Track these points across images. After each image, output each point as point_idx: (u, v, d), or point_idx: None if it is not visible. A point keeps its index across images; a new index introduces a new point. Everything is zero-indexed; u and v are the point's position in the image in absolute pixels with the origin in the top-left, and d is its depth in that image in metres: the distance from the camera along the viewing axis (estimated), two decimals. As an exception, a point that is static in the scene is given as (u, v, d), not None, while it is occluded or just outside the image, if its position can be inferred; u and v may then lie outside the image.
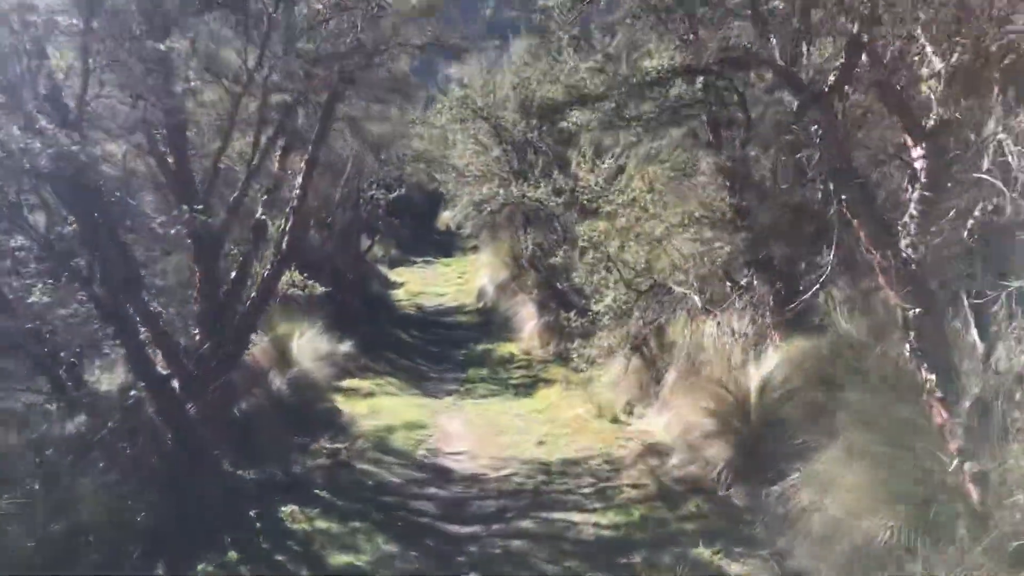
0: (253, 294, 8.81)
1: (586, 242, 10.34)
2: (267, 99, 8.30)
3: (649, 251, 9.80)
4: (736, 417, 7.75)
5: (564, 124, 10.78)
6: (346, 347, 14.15)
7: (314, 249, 15.64)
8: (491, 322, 18.37)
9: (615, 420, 10.10)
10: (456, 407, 11.94)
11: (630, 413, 10.36)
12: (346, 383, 13.21)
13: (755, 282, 8.45)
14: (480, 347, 16.56)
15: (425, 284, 24.05)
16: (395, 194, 18.07)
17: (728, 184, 8.29)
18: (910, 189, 5.04)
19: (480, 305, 20.25)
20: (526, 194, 14.11)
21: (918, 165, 5.06)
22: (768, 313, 8.34)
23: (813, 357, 7.35)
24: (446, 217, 38.49)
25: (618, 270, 9.89)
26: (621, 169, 14.34)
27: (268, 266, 8.99)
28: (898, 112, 5.25)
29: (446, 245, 32.43)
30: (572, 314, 11.36)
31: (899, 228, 4.80)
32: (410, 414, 11.29)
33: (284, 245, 9.02)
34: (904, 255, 4.64)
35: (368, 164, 16.69)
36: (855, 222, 4.90)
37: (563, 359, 14.33)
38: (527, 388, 12.92)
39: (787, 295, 8.16)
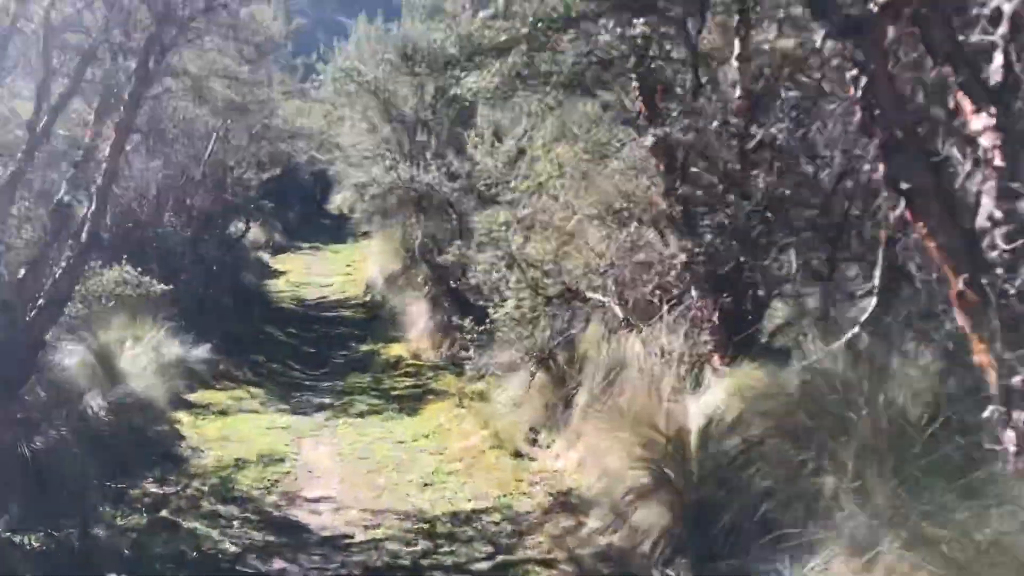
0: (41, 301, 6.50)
1: (484, 235, 8.31)
2: (51, 39, 6.01)
3: (558, 248, 7.85)
4: (671, 466, 5.85)
5: (457, 92, 8.80)
6: (201, 351, 11.79)
7: (167, 236, 13.20)
8: (378, 318, 16.18)
9: (517, 455, 8.12)
10: (327, 429, 9.76)
11: (534, 442, 8.41)
12: (196, 396, 10.89)
13: (693, 291, 6.55)
14: (364, 348, 14.38)
15: (309, 273, 21.63)
16: (268, 174, 15.65)
17: (665, 168, 6.36)
18: (978, 175, 3.19)
19: (367, 299, 18.03)
20: (415, 177, 12.00)
21: (987, 142, 3.20)
22: (709, 331, 6.46)
23: (774, 395, 5.51)
24: (338, 200, 36.05)
25: (521, 269, 7.91)
26: (523, 151, 12.39)
27: (62, 263, 6.66)
28: (947, 58, 3.39)
29: (337, 231, 29.81)
30: (468, 321, 9.30)
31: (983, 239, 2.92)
32: (268, 440, 9.08)
33: (85, 234, 6.71)
34: (1000, 284, 2.77)
35: (237, 139, 14.26)
36: (920, 226, 3.01)
37: (456, 365, 12.32)
38: (413, 402, 10.83)
39: (736, 308, 6.31)
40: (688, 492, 5.58)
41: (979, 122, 3.27)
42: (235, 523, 6.82)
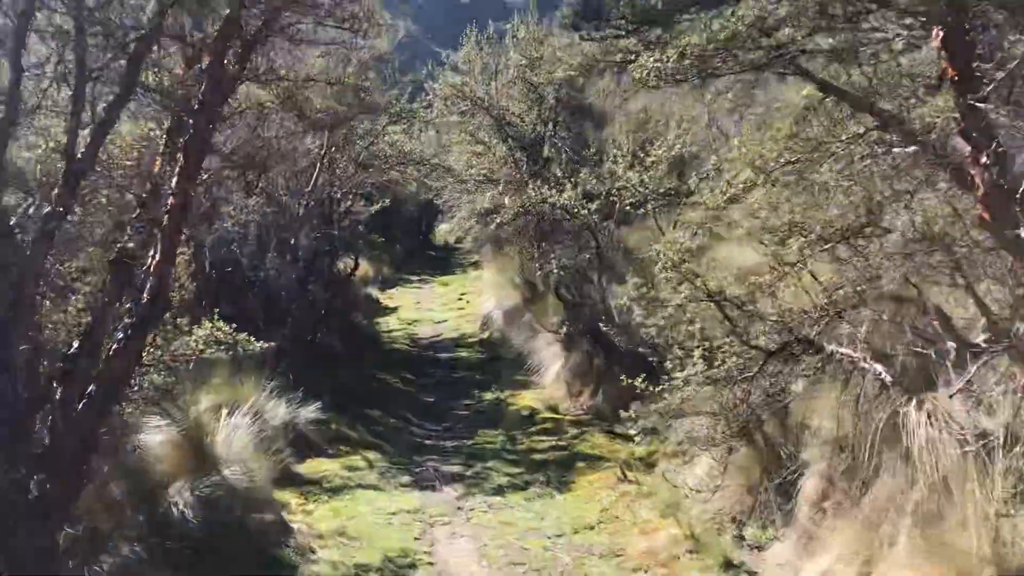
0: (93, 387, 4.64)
1: (668, 265, 6.11)
2: (85, 26, 4.17)
3: (771, 283, 5.62)
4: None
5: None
6: (311, 411, 9.97)
7: (271, 279, 11.47)
8: (500, 359, 14.14)
9: (727, 564, 5.88)
10: (461, 513, 7.69)
11: (740, 538, 6.18)
12: (307, 468, 9.02)
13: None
14: (489, 396, 12.33)
15: (420, 308, 19.79)
16: (378, 206, 13.83)
17: (974, 162, 4.10)
18: None
19: (485, 335, 16.02)
20: (547, 199, 9.91)
21: None
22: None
23: None
24: (443, 230, 34.44)
25: (725, 313, 5.69)
26: (682, 160, 10.22)
27: (119, 335, 4.79)
28: None
29: (444, 261, 28.28)
30: (641, 380, 7.09)
31: None
32: (394, 534, 7.09)
33: (148, 292, 4.82)
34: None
35: (343, 168, 12.49)
36: None
37: (602, 420, 10.17)
38: (562, 472, 8.67)
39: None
40: None
41: None
42: None
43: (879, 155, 5.39)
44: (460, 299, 20.45)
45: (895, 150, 5.24)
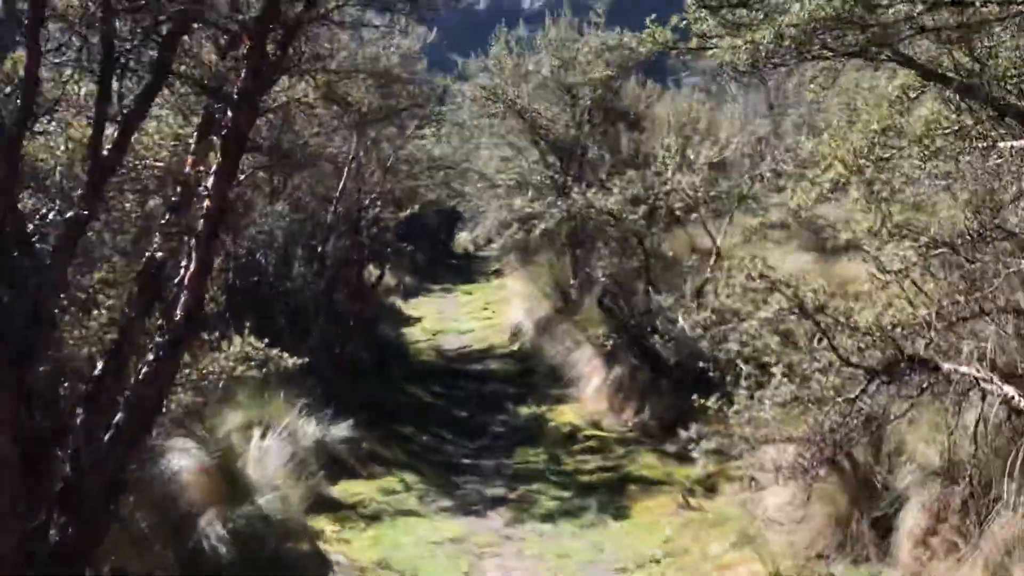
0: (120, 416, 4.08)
1: (755, 275, 5.47)
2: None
3: (874, 294, 5.01)
4: None
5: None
6: (342, 429, 9.42)
7: (298, 290, 10.92)
8: (534, 372, 13.53)
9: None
10: (510, 542, 7.09)
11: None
12: (340, 490, 8.44)
13: None
14: (525, 411, 11.71)
15: (444, 318, 19.19)
16: (407, 212, 13.27)
17: None
18: None
19: (516, 347, 15.40)
20: (593, 204, 9.31)
21: None
22: None
23: None
24: (463, 239, 33.94)
25: (822, 328, 5.06)
26: (723, 164, 9.63)
27: (149, 356, 4.22)
28: None
29: (465, 270, 27.68)
30: (713, 400, 6.45)
31: None
32: (440, 570, 6.50)
33: (181, 307, 4.25)
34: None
35: (371, 173, 11.95)
36: None
37: (650, 437, 9.57)
38: (614, 496, 8.06)
39: None
40: None
41: None
42: None
43: (992, 149, 4.81)
44: (485, 309, 19.85)
45: (1014, 144, 4.65)
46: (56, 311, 4.13)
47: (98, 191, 3.94)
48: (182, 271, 4.38)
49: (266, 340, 9.72)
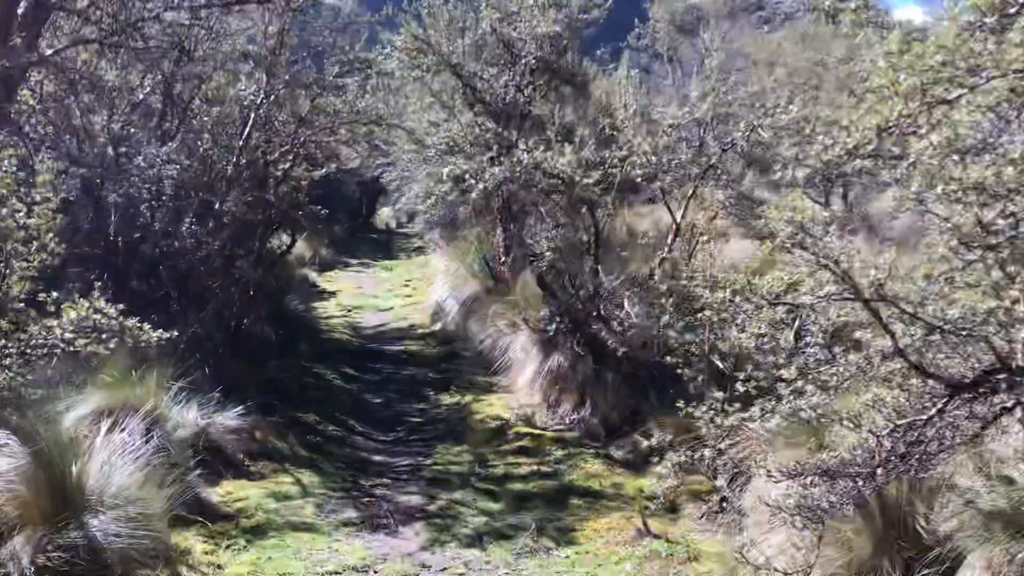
0: None
1: (795, 243, 3.96)
2: None
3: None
4: None
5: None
6: (232, 416, 7.76)
7: (187, 253, 9.09)
8: (458, 356, 11.99)
9: None
10: None
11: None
12: (221, 493, 6.78)
13: None
14: (447, 400, 10.17)
15: (363, 294, 17.48)
16: (323, 171, 11.50)
17: None
18: None
19: (438, 328, 13.83)
20: (541, 164, 7.76)
21: None
22: None
23: None
24: (386, 214, 32.12)
25: (883, 323, 3.63)
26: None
27: None
28: None
29: (386, 246, 25.93)
30: (722, 401, 4.95)
31: None
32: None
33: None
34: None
35: (281, 122, 10.17)
36: None
37: (592, 437, 8.15)
38: (555, 512, 6.57)
39: None
40: None
41: None
42: None
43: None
44: (406, 286, 18.21)
45: None
46: None
47: None
48: None
49: (150, 308, 8.08)
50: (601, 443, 7.94)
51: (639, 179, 7.93)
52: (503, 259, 12.58)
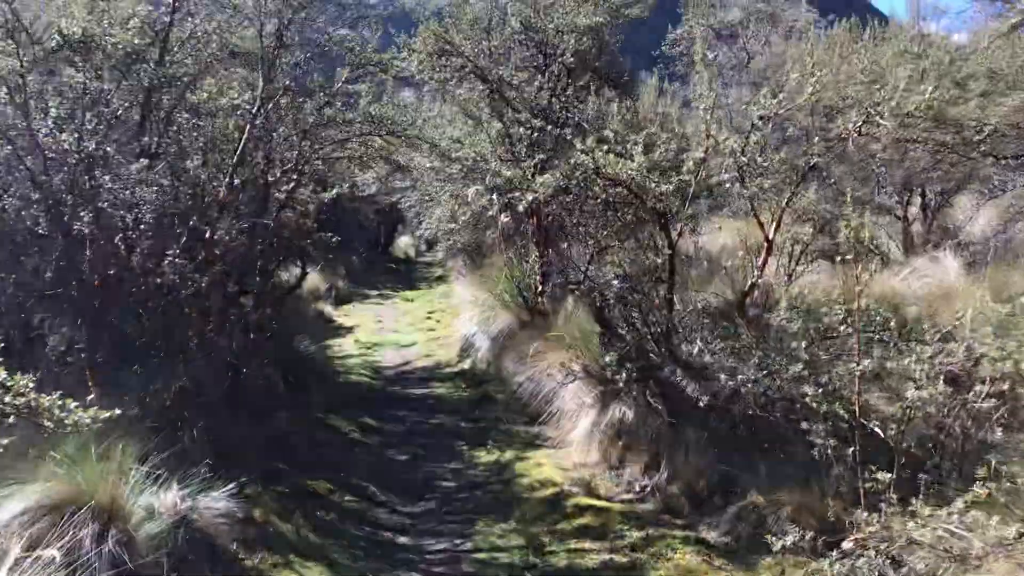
0: None
1: None
2: None
3: None
4: None
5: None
6: (221, 497, 6.05)
7: (173, 291, 7.42)
8: (492, 400, 10.26)
9: None
10: None
11: None
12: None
13: None
14: (485, 458, 8.41)
15: (383, 329, 15.80)
16: (335, 191, 9.83)
17: None
18: None
19: (467, 365, 12.11)
20: (602, 169, 6.02)
21: None
22: None
23: None
24: (404, 243, 30.58)
25: None
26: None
27: None
28: None
29: (406, 276, 24.29)
30: (887, 484, 3.20)
31: None
32: None
33: None
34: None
35: (282, 134, 8.52)
36: None
37: (674, 512, 6.36)
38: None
39: None
40: None
41: None
42: None
43: None
44: (429, 318, 16.52)
45: None
46: None
47: None
48: None
49: (138, 360, 6.57)
50: (687, 519, 6.15)
51: (725, 185, 6.19)
52: (539, 288, 10.89)
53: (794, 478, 5.37)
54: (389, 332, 15.44)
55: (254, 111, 7.94)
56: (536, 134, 8.39)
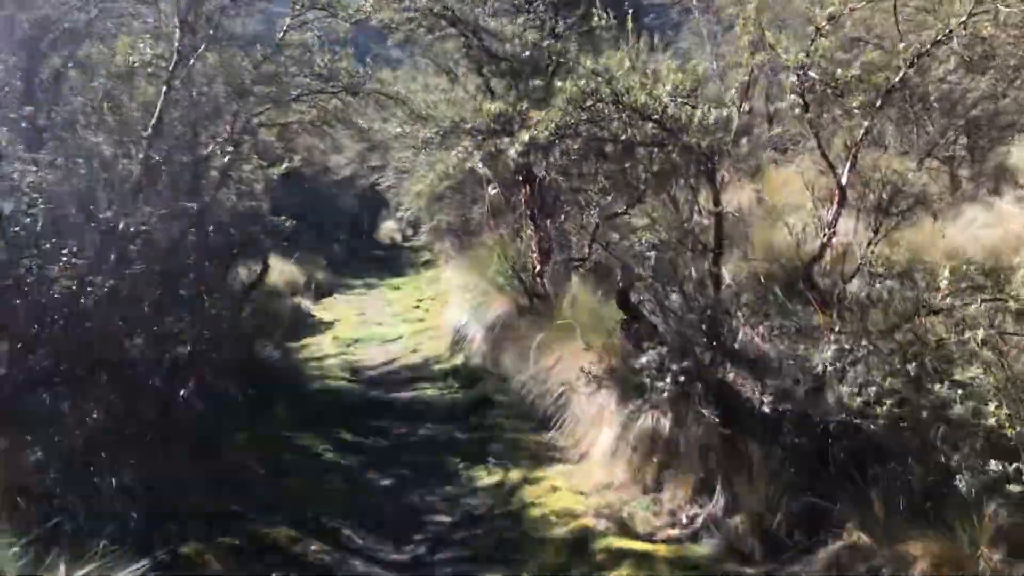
0: None
1: None
2: None
3: None
4: None
5: None
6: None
7: (66, 300, 5.66)
8: (490, 403, 8.56)
9: None
10: None
11: None
12: None
13: None
14: (485, 479, 6.71)
15: (366, 322, 14.07)
16: (284, 167, 8.02)
17: None
18: None
19: (459, 361, 10.42)
20: (622, 97, 4.27)
21: None
22: None
23: None
24: (389, 227, 28.81)
25: None
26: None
27: None
28: None
29: (392, 262, 22.58)
30: None
31: None
32: None
33: None
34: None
35: (211, 94, 6.73)
36: None
37: (740, 553, 4.65)
38: None
39: None
40: None
41: None
42: None
43: None
44: (417, 307, 14.82)
45: None
46: None
47: None
48: None
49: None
50: (761, 567, 4.48)
51: (786, 111, 4.46)
52: (538, 268, 9.19)
53: (924, 516, 3.70)
54: (372, 325, 13.72)
55: (171, 68, 6.17)
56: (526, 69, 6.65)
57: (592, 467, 6.20)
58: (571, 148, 4.64)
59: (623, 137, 4.35)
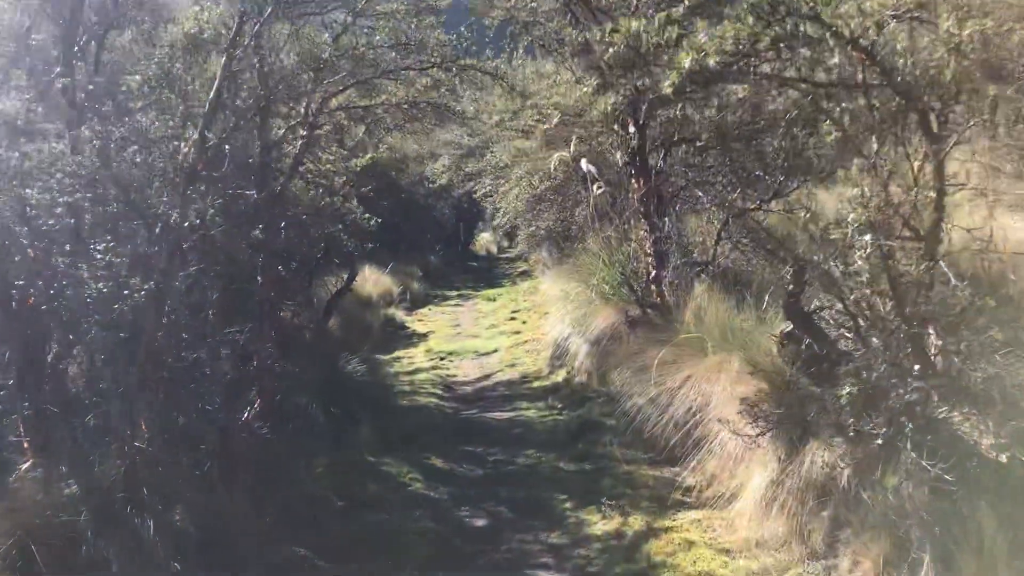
0: None
1: None
2: None
3: None
4: None
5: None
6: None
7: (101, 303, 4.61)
8: (599, 427, 7.19)
9: None
10: None
11: None
12: None
13: None
14: (601, 526, 5.34)
15: (460, 335, 12.92)
16: (367, 158, 6.86)
17: None
18: None
19: (561, 378, 9.07)
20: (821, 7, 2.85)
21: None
22: None
23: None
24: (485, 239, 27.87)
25: None
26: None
27: None
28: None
29: (487, 273, 21.53)
30: None
31: None
32: None
33: None
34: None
35: (278, 64, 5.63)
36: None
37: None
38: None
39: None
40: None
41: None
42: None
43: None
44: (513, 319, 13.55)
45: None
46: None
47: None
48: None
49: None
50: None
51: None
52: (652, 273, 7.76)
53: None
54: (467, 338, 12.55)
55: (232, 34, 5.08)
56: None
57: (737, 517, 4.75)
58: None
59: (815, 79, 2.93)
